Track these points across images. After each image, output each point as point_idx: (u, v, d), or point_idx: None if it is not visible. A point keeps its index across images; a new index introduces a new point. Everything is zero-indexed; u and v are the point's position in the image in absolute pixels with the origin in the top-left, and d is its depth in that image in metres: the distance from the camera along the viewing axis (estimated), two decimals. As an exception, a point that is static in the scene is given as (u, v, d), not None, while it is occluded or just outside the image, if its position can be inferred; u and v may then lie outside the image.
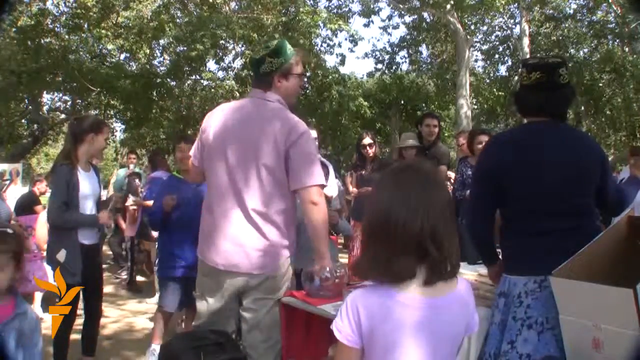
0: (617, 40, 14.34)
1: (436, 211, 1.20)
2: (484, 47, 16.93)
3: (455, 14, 12.51)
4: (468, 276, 2.48)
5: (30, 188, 7.26)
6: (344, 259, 5.31)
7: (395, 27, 18.30)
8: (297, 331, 2.39)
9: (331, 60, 34.28)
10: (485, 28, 16.00)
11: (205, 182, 2.47)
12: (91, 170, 3.15)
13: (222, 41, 12.67)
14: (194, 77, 14.43)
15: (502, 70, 17.33)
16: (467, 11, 12.76)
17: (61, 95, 15.02)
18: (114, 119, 15.53)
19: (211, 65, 14.66)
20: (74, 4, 12.25)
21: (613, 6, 13.45)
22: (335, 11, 14.55)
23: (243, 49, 13.16)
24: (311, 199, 2.16)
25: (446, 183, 4.27)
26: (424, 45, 17.57)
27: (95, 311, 3.28)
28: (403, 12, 15.32)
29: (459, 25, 12.52)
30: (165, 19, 12.32)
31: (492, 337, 1.95)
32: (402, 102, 17.14)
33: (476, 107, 17.58)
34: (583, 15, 14.88)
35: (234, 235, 2.19)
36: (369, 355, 1.24)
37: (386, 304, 1.21)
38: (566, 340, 1.75)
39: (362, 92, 15.87)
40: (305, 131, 2.20)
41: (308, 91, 14.65)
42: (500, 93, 16.52)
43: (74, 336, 3.15)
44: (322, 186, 2.22)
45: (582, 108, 13.76)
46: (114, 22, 12.91)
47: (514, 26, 15.48)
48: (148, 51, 13.49)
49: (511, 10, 14.61)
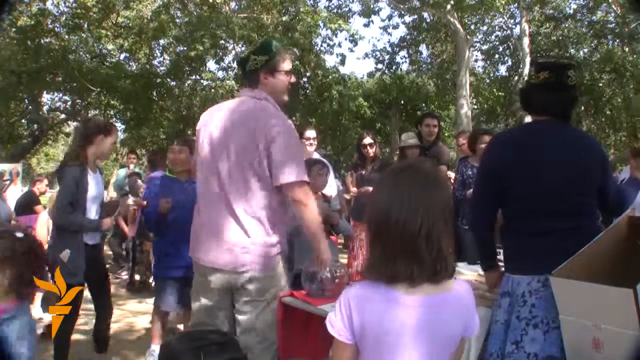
0: (617, 40, 14.35)
1: (436, 211, 1.20)
2: (484, 47, 16.97)
3: (455, 14, 12.51)
4: (468, 276, 2.48)
5: (30, 188, 7.26)
6: (344, 259, 5.30)
7: (395, 27, 18.35)
8: (295, 331, 2.39)
9: (331, 60, 34.30)
10: (485, 28, 16.02)
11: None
12: (97, 172, 3.17)
13: (222, 41, 12.68)
14: (194, 77, 14.45)
15: (502, 70, 17.39)
16: (467, 11, 12.76)
17: (61, 95, 15.06)
18: (114, 119, 15.53)
19: (211, 65, 14.69)
20: (74, 4, 12.27)
21: (613, 6, 13.45)
22: (335, 11, 14.56)
23: (243, 49, 13.17)
24: (294, 196, 2.13)
25: (447, 183, 4.27)
26: (424, 45, 17.61)
27: (105, 309, 3.29)
28: (403, 12, 15.33)
29: (459, 25, 12.52)
30: (165, 19, 12.33)
31: (497, 337, 1.94)
32: (402, 102, 17.14)
33: (476, 107, 17.58)
34: (583, 15, 14.89)
35: (218, 233, 2.21)
36: (362, 351, 1.25)
37: (378, 300, 1.21)
38: (566, 340, 1.75)
39: (362, 92, 15.88)
40: (286, 127, 2.17)
41: (308, 91, 14.66)
42: (500, 93, 16.52)
43: (75, 336, 3.14)
44: (306, 182, 2.17)
45: (582, 108, 13.74)
46: (114, 22, 12.92)
47: (514, 26, 15.51)
48: (148, 51, 13.51)
49: (511, 10, 14.62)
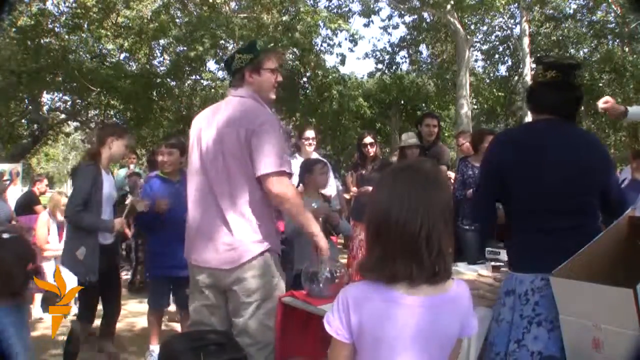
0: (617, 40, 14.35)
1: (436, 211, 1.20)
2: (484, 47, 16.98)
3: (455, 14, 12.51)
4: (468, 276, 2.48)
5: (30, 188, 7.26)
6: (344, 259, 5.30)
7: (395, 27, 18.37)
8: (295, 331, 2.39)
9: (331, 60, 34.32)
10: (485, 28, 16.03)
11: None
12: (109, 174, 3.27)
13: (222, 41, 12.68)
14: (194, 77, 14.46)
15: (502, 70, 17.39)
16: (467, 11, 12.76)
17: (61, 95, 15.07)
18: (114, 119, 15.53)
19: (211, 65, 14.70)
20: (73, 4, 12.27)
21: (613, 6, 13.46)
22: (335, 11, 14.57)
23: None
24: (272, 189, 2.11)
25: (447, 183, 4.27)
26: (424, 45, 17.62)
27: (113, 309, 3.32)
28: (403, 12, 15.33)
29: (459, 25, 12.52)
30: (165, 19, 12.33)
31: (503, 336, 1.92)
32: (402, 102, 17.14)
33: (476, 107, 17.58)
34: (583, 15, 14.89)
35: (206, 232, 2.22)
36: (360, 351, 1.24)
37: (377, 300, 1.21)
38: (566, 340, 1.74)
39: (362, 92, 15.88)
40: (267, 120, 2.16)
41: (308, 91, 14.67)
42: (500, 93, 16.52)
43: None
44: (285, 174, 2.14)
45: (582, 108, 13.73)
46: (114, 22, 12.92)
47: (514, 26, 15.52)
48: (148, 51, 13.51)
49: (511, 10, 14.62)
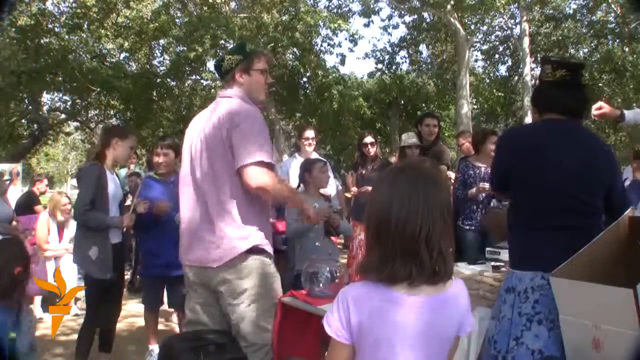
0: (617, 40, 14.35)
1: (436, 212, 1.20)
2: (484, 47, 16.97)
3: (456, 14, 12.51)
4: (468, 276, 2.48)
5: (30, 188, 7.25)
6: (344, 259, 5.30)
7: (395, 27, 18.39)
8: (294, 331, 2.39)
9: (331, 60, 34.30)
10: (485, 28, 16.02)
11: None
12: (114, 174, 3.28)
13: (222, 41, 12.67)
14: (194, 77, 14.46)
15: (502, 70, 17.39)
16: (467, 11, 12.77)
17: (61, 95, 15.06)
18: (114, 119, 15.53)
19: (211, 65, 14.68)
20: (73, 4, 12.26)
21: (613, 6, 13.46)
22: (335, 11, 14.57)
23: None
24: (247, 181, 2.08)
25: (447, 183, 4.27)
26: (424, 45, 17.64)
27: (114, 309, 3.32)
28: (403, 12, 15.34)
29: (459, 26, 12.52)
30: (165, 19, 12.33)
31: (504, 334, 1.91)
32: (402, 102, 17.15)
33: (476, 107, 17.58)
34: (583, 15, 14.89)
35: (194, 230, 2.24)
36: (359, 351, 1.24)
37: (376, 300, 1.21)
38: (566, 340, 1.74)
39: (362, 93, 15.88)
40: (247, 116, 2.15)
41: (308, 91, 14.67)
42: (500, 93, 16.52)
43: (76, 336, 3.15)
44: (264, 164, 2.10)
45: (582, 108, 13.73)
46: (114, 22, 12.92)
47: (514, 26, 15.52)
48: (148, 51, 13.50)
49: (511, 10, 14.63)
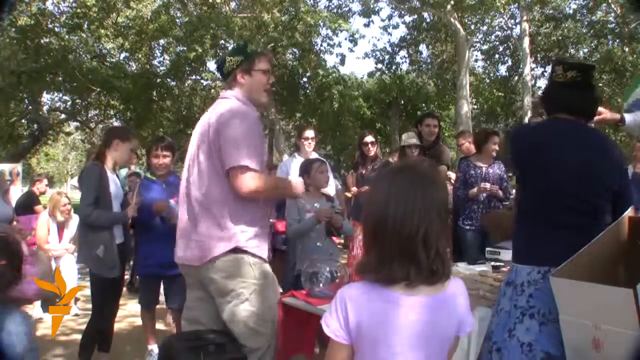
0: (617, 40, 14.35)
1: (433, 212, 1.20)
2: (484, 47, 16.97)
3: (456, 14, 12.51)
4: (468, 276, 2.48)
5: (30, 188, 7.25)
6: (344, 259, 5.30)
7: (395, 27, 18.38)
8: (294, 330, 2.40)
9: (331, 60, 34.31)
10: (485, 28, 16.02)
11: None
12: (115, 175, 3.31)
13: (222, 41, 12.67)
14: (194, 77, 14.45)
15: (502, 70, 17.39)
16: (467, 11, 12.76)
17: (61, 95, 15.06)
18: (114, 119, 15.54)
19: (211, 65, 14.68)
20: (73, 4, 12.26)
21: (613, 6, 13.46)
22: (335, 11, 14.57)
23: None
24: (236, 186, 2.08)
25: (446, 183, 4.27)
26: (424, 45, 17.64)
27: (115, 309, 3.32)
28: (403, 12, 15.34)
29: (459, 26, 12.52)
30: (166, 19, 12.33)
31: (500, 326, 1.95)
32: (402, 102, 17.15)
33: (476, 107, 17.58)
34: (583, 15, 14.89)
35: (183, 228, 2.26)
36: (358, 351, 1.24)
37: (376, 301, 1.21)
38: (566, 340, 1.74)
39: (362, 93, 15.87)
40: (237, 117, 2.12)
41: (308, 91, 14.67)
42: (500, 93, 16.51)
43: (76, 336, 3.14)
44: (248, 169, 2.09)
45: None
46: (114, 22, 12.92)
47: (514, 26, 15.52)
48: (148, 51, 13.49)
49: (511, 10, 14.63)
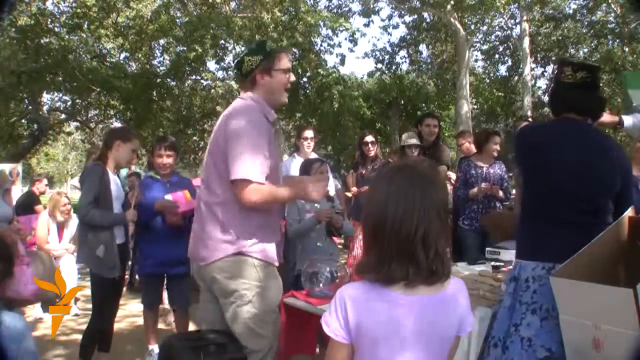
0: (617, 40, 14.35)
1: (432, 212, 1.20)
2: (484, 47, 16.97)
3: (456, 14, 12.51)
4: (468, 276, 2.48)
5: (30, 188, 7.25)
6: (344, 259, 5.30)
7: (395, 27, 18.39)
8: (295, 330, 2.40)
9: (331, 60, 34.31)
10: (485, 28, 16.01)
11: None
12: (116, 175, 3.31)
13: (222, 41, 12.67)
14: (194, 77, 14.44)
15: (502, 70, 17.39)
16: (467, 11, 12.76)
17: (61, 95, 15.02)
18: (114, 119, 15.52)
19: (211, 65, 14.68)
20: (73, 4, 12.25)
21: (613, 6, 13.46)
22: (335, 11, 14.57)
23: (243, 49, 13.17)
24: (243, 199, 2.04)
25: (446, 183, 4.27)
26: (424, 45, 17.63)
27: (115, 309, 3.34)
28: (403, 12, 15.34)
29: (459, 26, 12.52)
30: (166, 19, 12.32)
31: (502, 322, 1.97)
32: (402, 102, 17.14)
33: (476, 107, 17.58)
34: (583, 15, 14.89)
35: (194, 228, 2.27)
36: (358, 350, 1.24)
37: (375, 301, 1.21)
38: (566, 340, 1.75)
39: (362, 93, 15.86)
40: (245, 123, 2.07)
41: (308, 91, 14.66)
42: (500, 93, 16.51)
43: (76, 336, 3.14)
44: (250, 182, 2.04)
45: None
46: (114, 22, 12.91)
47: (514, 26, 15.52)
48: (148, 51, 13.48)
49: (511, 10, 14.63)
